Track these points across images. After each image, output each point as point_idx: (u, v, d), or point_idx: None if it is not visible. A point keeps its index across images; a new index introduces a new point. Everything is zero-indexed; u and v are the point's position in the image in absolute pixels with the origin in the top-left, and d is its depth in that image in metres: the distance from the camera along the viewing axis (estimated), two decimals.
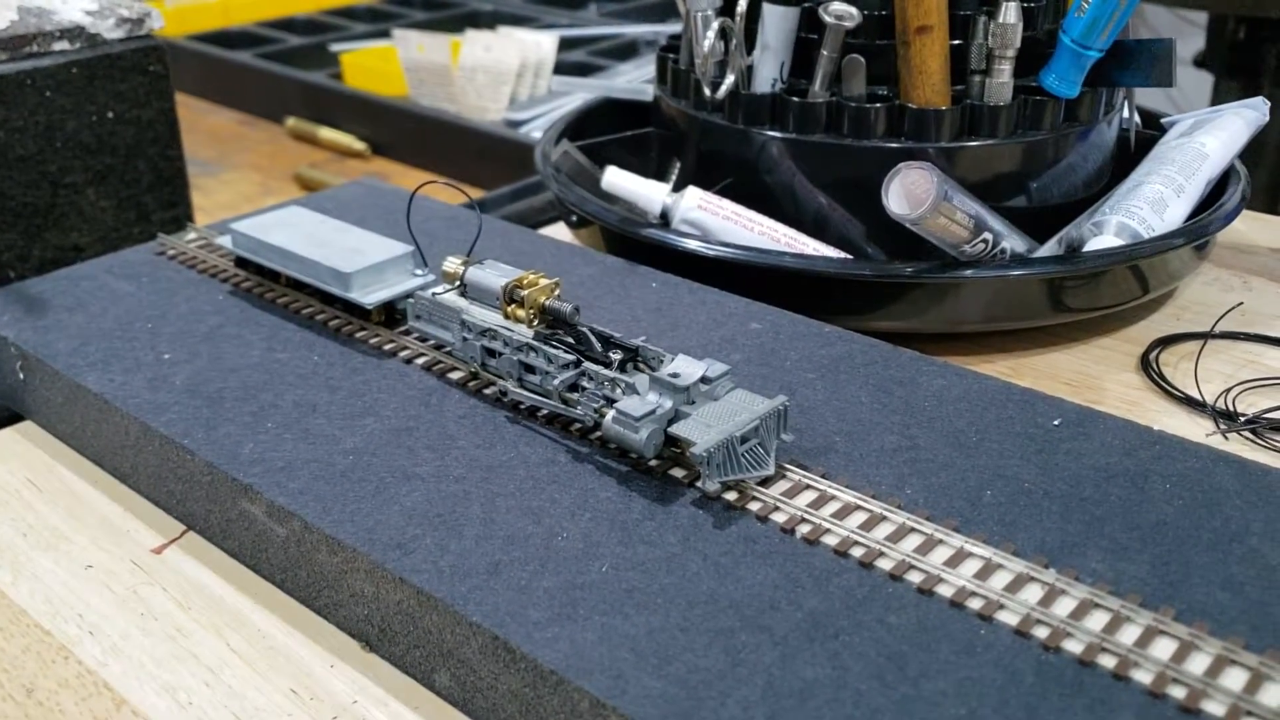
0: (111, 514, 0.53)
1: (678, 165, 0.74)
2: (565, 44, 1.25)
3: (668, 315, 0.60)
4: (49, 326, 0.59)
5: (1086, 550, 0.43)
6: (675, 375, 0.47)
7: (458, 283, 0.55)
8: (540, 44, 1.17)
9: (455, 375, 0.55)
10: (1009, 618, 0.39)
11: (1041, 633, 0.39)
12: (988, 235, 0.61)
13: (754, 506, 0.45)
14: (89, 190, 0.73)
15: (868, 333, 0.58)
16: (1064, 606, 0.40)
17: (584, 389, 0.49)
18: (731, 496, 0.45)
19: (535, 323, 0.52)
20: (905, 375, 0.54)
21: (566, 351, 0.50)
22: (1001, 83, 0.65)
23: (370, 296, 0.57)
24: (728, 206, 0.68)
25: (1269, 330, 0.67)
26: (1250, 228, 0.81)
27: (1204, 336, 0.66)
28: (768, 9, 0.67)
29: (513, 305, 0.52)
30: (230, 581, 0.49)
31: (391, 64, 1.19)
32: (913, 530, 0.43)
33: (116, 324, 0.59)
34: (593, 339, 0.50)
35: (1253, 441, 0.57)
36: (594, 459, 0.48)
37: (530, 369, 0.51)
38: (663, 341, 0.56)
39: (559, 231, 0.80)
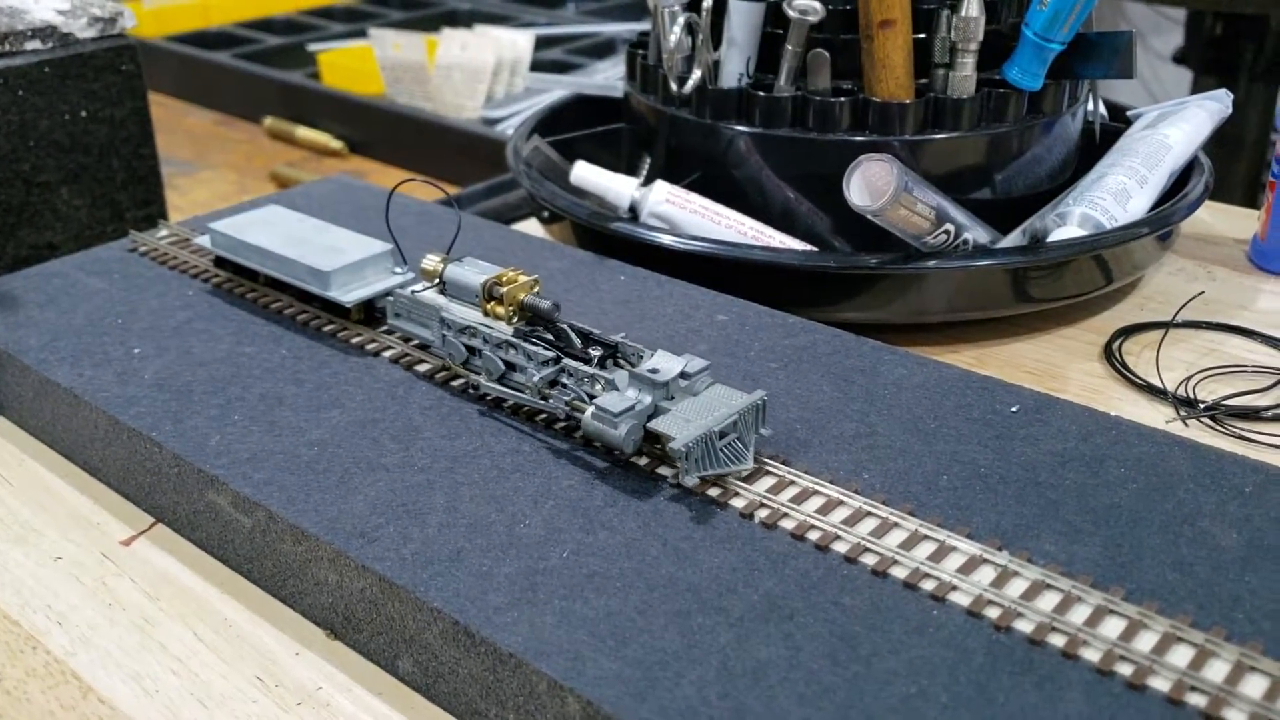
0: (81, 507, 0.53)
1: (647, 160, 0.74)
2: (542, 42, 1.26)
3: (635, 307, 0.61)
4: (20, 322, 0.60)
5: (1040, 533, 0.43)
6: (654, 371, 0.47)
7: (437, 280, 0.55)
8: (516, 42, 1.17)
9: (422, 368, 0.55)
10: (961, 598, 0.40)
11: (993, 613, 0.39)
12: (949, 226, 0.61)
13: (713, 492, 0.46)
14: (63, 189, 0.74)
15: (834, 324, 0.59)
16: (1016, 587, 0.41)
17: (564, 385, 0.49)
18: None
19: (515, 320, 0.52)
20: (866, 364, 0.55)
21: (546, 348, 0.50)
22: (965, 76, 0.66)
23: (350, 295, 0.57)
24: (695, 200, 0.68)
25: (1231, 319, 0.68)
26: (1213, 218, 0.82)
27: (1166, 325, 0.66)
28: (733, 4, 0.68)
29: (492, 302, 0.52)
30: (198, 572, 0.49)
31: (368, 63, 1.20)
32: (869, 514, 0.44)
33: (87, 320, 0.60)
34: (572, 335, 0.50)
35: (1212, 428, 0.58)
36: (558, 449, 0.49)
37: (511, 366, 0.51)
38: (630, 333, 0.57)
39: (533, 227, 0.80)
